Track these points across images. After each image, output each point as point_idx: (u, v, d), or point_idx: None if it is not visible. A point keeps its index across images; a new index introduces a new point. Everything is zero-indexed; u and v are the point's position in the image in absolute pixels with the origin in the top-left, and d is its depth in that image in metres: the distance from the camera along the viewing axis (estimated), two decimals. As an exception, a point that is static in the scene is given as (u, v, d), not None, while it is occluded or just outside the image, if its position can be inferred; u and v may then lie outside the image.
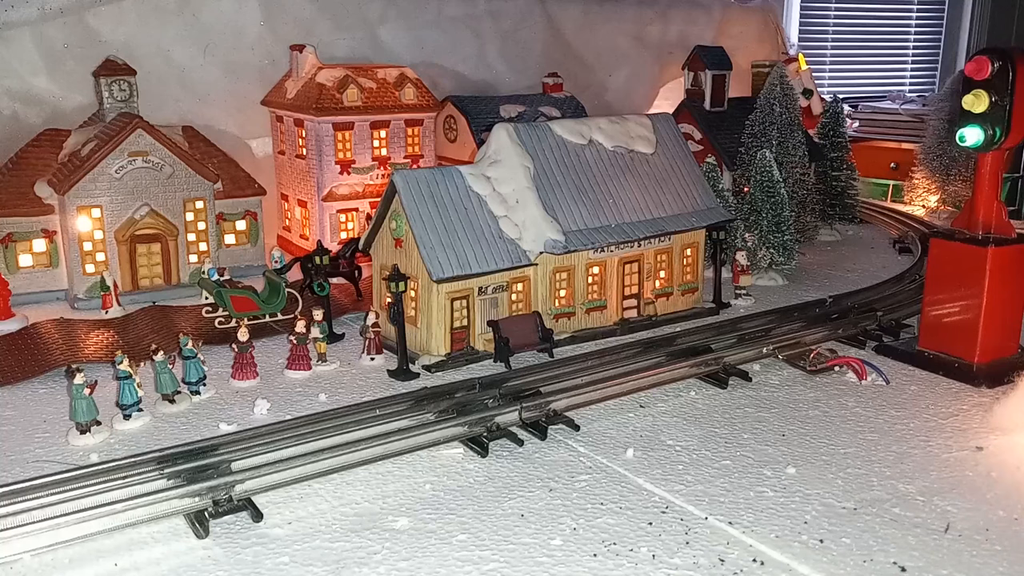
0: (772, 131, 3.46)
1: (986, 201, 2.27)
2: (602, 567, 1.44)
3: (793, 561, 1.46)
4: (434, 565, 1.45)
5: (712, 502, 1.64)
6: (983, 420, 2.01)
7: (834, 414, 2.04)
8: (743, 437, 1.92)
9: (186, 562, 1.45)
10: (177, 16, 3.46)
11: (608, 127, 2.68)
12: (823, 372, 2.28)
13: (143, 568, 1.44)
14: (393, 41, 3.92)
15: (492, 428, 1.88)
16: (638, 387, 2.12)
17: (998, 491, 1.69)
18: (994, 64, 2.13)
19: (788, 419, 2.02)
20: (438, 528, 1.56)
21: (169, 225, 2.94)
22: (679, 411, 2.06)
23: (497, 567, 1.44)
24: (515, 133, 2.50)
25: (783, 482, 1.72)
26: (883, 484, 1.71)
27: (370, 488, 1.69)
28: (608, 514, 1.60)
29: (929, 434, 1.94)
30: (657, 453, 1.84)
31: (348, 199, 3.31)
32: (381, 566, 1.44)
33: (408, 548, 1.49)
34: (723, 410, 2.07)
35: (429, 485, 1.71)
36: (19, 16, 3.20)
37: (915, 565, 1.45)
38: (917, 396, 2.15)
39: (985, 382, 2.19)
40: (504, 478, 1.73)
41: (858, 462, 1.81)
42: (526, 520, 1.58)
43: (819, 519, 1.59)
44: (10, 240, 2.85)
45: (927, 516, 1.60)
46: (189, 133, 3.18)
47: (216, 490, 1.56)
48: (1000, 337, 2.28)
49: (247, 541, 1.51)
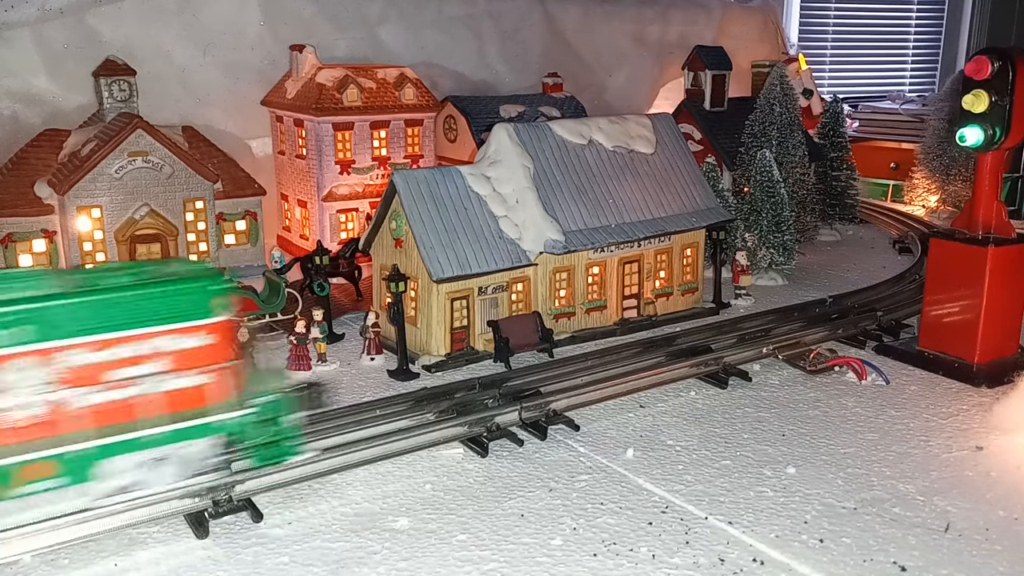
0: (772, 131, 3.45)
1: (986, 201, 2.27)
2: (602, 567, 1.44)
3: (793, 561, 1.46)
4: (434, 565, 1.45)
5: (712, 502, 1.64)
6: (983, 420, 2.00)
7: (834, 414, 2.04)
8: (743, 437, 1.92)
9: (186, 562, 1.45)
10: (177, 16, 3.46)
11: (608, 127, 2.69)
12: (823, 372, 2.28)
13: (143, 568, 1.44)
14: (393, 41, 3.92)
15: (492, 428, 1.88)
16: (638, 387, 2.12)
17: (998, 491, 1.69)
18: (994, 64, 2.13)
19: (788, 419, 2.02)
20: (438, 528, 1.56)
21: (169, 225, 2.94)
22: (679, 411, 2.06)
23: (497, 567, 1.44)
24: (515, 133, 2.50)
25: (783, 482, 1.72)
26: (883, 484, 1.72)
27: (370, 488, 1.69)
28: (608, 514, 1.60)
29: (929, 434, 1.94)
30: (657, 453, 1.84)
31: (348, 199, 3.31)
32: (381, 566, 1.44)
33: (408, 548, 1.49)
34: (723, 410, 2.07)
35: (429, 485, 1.71)
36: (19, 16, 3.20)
37: (915, 565, 1.45)
38: (917, 396, 2.15)
39: (985, 382, 2.19)
40: (504, 478, 1.73)
41: (858, 462, 1.81)
42: (526, 520, 1.58)
43: (819, 519, 1.59)
44: (10, 240, 2.85)
45: (927, 516, 1.60)
46: (189, 133, 3.18)
47: (216, 490, 1.56)
48: (1000, 337, 2.28)
49: (247, 541, 1.51)
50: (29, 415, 1.38)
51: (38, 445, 1.39)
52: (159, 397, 1.47)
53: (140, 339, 1.45)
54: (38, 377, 1.38)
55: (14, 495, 1.39)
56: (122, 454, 1.46)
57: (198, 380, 1.50)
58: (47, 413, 1.39)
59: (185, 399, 1.49)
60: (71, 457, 1.42)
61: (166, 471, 1.50)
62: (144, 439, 1.47)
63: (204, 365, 1.50)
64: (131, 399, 1.45)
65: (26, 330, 1.36)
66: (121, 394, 1.44)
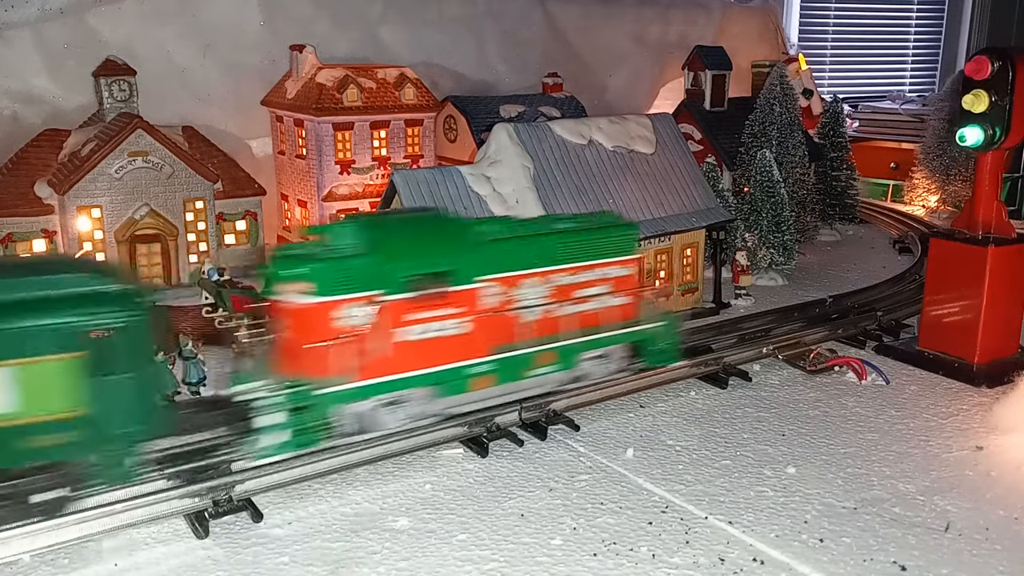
0: (772, 131, 3.45)
1: (986, 201, 2.27)
2: (602, 567, 1.44)
3: (793, 560, 1.46)
4: (434, 565, 1.45)
5: (712, 502, 1.64)
6: (983, 420, 2.01)
7: (834, 414, 2.04)
8: (743, 437, 1.92)
9: (186, 562, 1.45)
10: (177, 16, 3.46)
11: (608, 127, 2.69)
12: (823, 372, 2.28)
13: (143, 568, 1.44)
14: (393, 41, 3.91)
15: (492, 428, 1.88)
16: (638, 387, 2.12)
17: (998, 491, 1.69)
18: (994, 64, 2.13)
19: (788, 419, 2.02)
20: (438, 528, 1.56)
21: (169, 225, 2.94)
22: (679, 411, 2.06)
23: (497, 567, 1.44)
24: (515, 133, 2.50)
25: (783, 482, 1.72)
26: (883, 484, 1.72)
27: (370, 488, 1.69)
28: (608, 514, 1.60)
29: (929, 434, 1.94)
30: (657, 453, 1.84)
31: (348, 199, 3.31)
32: (381, 566, 1.44)
33: (408, 548, 1.49)
34: (723, 410, 2.07)
35: (429, 485, 1.71)
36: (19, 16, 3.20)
37: (915, 564, 1.45)
38: (917, 396, 2.15)
39: (985, 382, 2.19)
40: (504, 478, 1.73)
41: (858, 462, 1.81)
42: (526, 520, 1.58)
43: (819, 518, 1.59)
44: (10, 240, 2.85)
45: (927, 516, 1.60)
46: (189, 133, 3.18)
47: (216, 490, 1.56)
48: (1000, 337, 2.28)
49: (247, 541, 1.51)
50: (538, 318, 1.88)
51: (544, 341, 1.89)
52: (606, 311, 1.99)
53: (597, 268, 1.98)
54: (540, 292, 1.89)
55: (531, 375, 1.89)
56: (590, 350, 1.97)
57: (625, 300, 2.03)
58: (546, 318, 1.90)
59: (619, 313, 2.01)
60: (563, 350, 1.92)
61: (610, 367, 2.02)
62: (601, 339, 1.98)
63: (628, 289, 2.03)
64: (591, 311, 1.97)
65: (534, 256, 1.87)
66: (586, 307, 1.96)
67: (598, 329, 1.97)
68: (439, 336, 1.74)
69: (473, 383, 1.81)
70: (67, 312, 1.40)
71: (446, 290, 1.74)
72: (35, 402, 1.37)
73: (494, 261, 1.81)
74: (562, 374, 1.94)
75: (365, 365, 1.66)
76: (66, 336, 1.40)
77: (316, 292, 1.60)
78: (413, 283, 1.69)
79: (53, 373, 1.38)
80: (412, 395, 1.74)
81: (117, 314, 1.44)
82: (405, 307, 1.69)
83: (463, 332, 1.77)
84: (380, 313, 1.66)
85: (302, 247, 1.71)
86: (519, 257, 1.84)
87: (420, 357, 1.73)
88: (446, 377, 1.77)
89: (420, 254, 1.71)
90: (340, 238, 1.68)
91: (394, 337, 1.69)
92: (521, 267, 1.85)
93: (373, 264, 1.65)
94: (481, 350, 1.80)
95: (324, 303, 1.61)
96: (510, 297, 1.84)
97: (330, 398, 1.63)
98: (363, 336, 1.64)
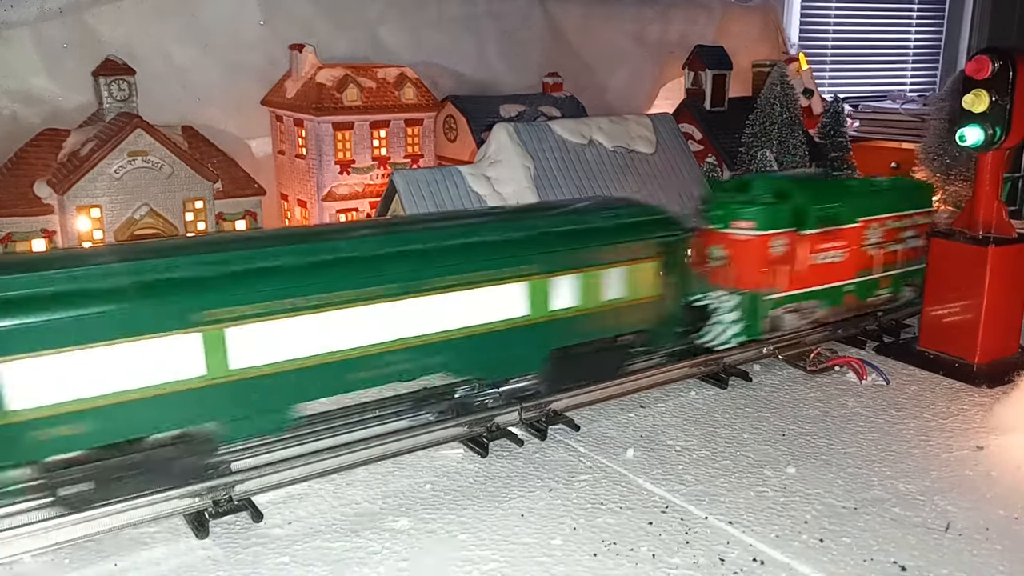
0: (772, 131, 3.45)
1: (986, 201, 2.27)
2: (602, 567, 1.44)
3: (793, 560, 1.46)
4: (434, 565, 1.45)
5: (712, 502, 1.64)
6: (983, 420, 2.01)
7: (834, 414, 2.04)
8: (743, 437, 1.92)
9: (186, 562, 1.45)
10: (177, 16, 3.45)
11: (608, 127, 2.69)
12: (823, 372, 2.28)
13: (143, 568, 1.44)
14: (393, 41, 3.91)
15: (492, 428, 1.88)
16: (638, 387, 2.12)
17: (998, 491, 1.69)
18: (994, 64, 2.13)
19: (788, 419, 2.02)
20: (438, 528, 1.56)
21: (169, 225, 2.94)
22: (679, 411, 2.06)
23: (497, 567, 1.44)
24: (515, 133, 2.50)
25: (783, 482, 1.72)
26: (883, 484, 1.71)
27: (370, 488, 1.69)
28: (608, 514, 1.60)
29: (929, 434, 1.94)
30: (657, 453, 1.84)
31: (348, 199, 3.30)
32: (381, 566, 1.44)
33: (408, 548, 1.49)
34: (723, 410, 2.07)
35: (429, 485, 1.71)
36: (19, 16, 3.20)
37: (915, 564, 1.45)
38: (917, 396, 2.15)
39: (985, 382, 2.19)
40: (504, 478, 1.73)
41: (858, 462, 1.81)
42: (526, 520, 1.58)
43: (819, 519, 1.59)
44: (9, 240, 2.84)
45: (927, 515, 1.60)
46: (189, 133, 3.17)
47: (216, 490, 1.56)
48: (1000, 337, 2.28)
49: (247, 541, 1.51)
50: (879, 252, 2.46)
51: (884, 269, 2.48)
52: (914, 250, 2.53)
53: (915, 215, 2.53)
54: (876, 235, 2.42)
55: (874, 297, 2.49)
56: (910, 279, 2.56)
57: (919, 243, 2.52)
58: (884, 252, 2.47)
59: (918, 253, 2.54)
60: (894, 277, 2.52)
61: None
62: (915, 271, 2.53)
63: (923, 234, 2.52)
64: (909, 248, 2.52)
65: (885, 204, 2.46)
66: (903, 246, 2.50)
67: (909, 263, 2.53)
68: (830, 262, 2.32)
69: (845, 299, 2.39)
70: (652, 232, 2.03)
71: (839, 227, 2.32)
72: (638, 289, 2.02)
73: (866, 207, 2.40)
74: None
75: (790, 280, 2.25)
76: (651, 247, 2.03)
77: (756, 228, 2.17)
78: (822, 222, 2.28)
79: (648, 270, 2.03)
80: (808, 305, 2.30)
81: (675, 233, 2.08)
82: (816, 240, 2.27)
83: (842, 260, 2.36)
84: (800, 243, 2.24)
85: (732, 196, 2.29)
86: (880, 204, 2.43)
87: (818, 277, 2.31)
88: (831, 292, 2.35)
89: (825, 200, 2.31)
90: (760, 190, 2.31)
91: (809, 261, 2.27)
92: (881, 212, 2.42)
93: (793, 208, 2.24)
94: (851, 274, 2.39)
95: (763, 236, 2.18)
96: (867, 235, 2.40)
97: (769, 304, 2.23)
98: (790, 260, 2.24)
